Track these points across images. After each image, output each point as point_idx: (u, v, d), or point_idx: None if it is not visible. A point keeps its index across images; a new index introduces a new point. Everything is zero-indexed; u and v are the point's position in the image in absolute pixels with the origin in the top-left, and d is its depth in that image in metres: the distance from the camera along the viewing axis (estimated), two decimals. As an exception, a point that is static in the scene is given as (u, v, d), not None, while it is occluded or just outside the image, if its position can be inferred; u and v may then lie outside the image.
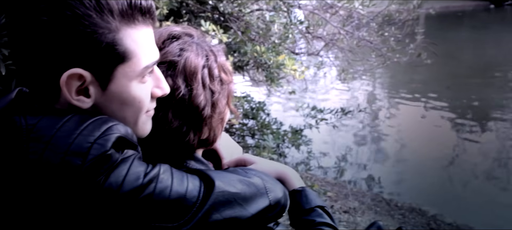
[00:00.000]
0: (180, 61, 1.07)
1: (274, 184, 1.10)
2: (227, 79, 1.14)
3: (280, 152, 5.67)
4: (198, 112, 1.08)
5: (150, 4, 0.94)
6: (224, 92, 1.13)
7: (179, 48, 1.09)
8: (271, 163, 1.25)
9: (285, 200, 1.11)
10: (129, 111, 0.97)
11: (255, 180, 1.06)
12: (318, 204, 1.18)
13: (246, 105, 5.75)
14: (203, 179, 0.99)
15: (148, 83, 0.98)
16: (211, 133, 1.14)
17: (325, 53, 5.96)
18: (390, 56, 5.44)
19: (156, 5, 3.78)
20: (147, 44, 0.95)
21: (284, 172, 1.21)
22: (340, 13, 5.59)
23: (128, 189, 0.87)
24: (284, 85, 4.96)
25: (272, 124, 5.53)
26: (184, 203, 0.93)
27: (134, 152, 0.93)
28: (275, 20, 4.15)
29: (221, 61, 1.15)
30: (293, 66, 4.17)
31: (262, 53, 4.16)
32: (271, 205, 1.05)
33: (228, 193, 0.98)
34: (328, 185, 4.96)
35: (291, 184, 1.20)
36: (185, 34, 1.13)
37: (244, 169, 1.12)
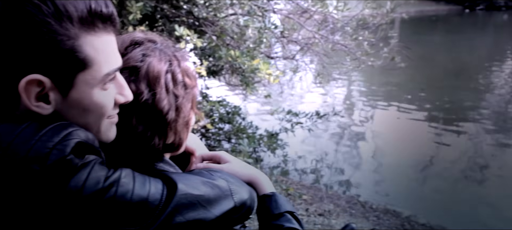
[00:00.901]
0: (142, 67, 1.07)
1: (239, 186, 1.10)
2: (191, 84, 1.14)
3: (256, 156, 5.68)
4: (162, 116, 1.07)
5: (111, 11, 0.94)
6: (188, 96, 1.13)
7: (142, 53, 1.09)
8: (245, 166, 1.26)
9: (252, 202, 1.12)
10: (90, 117, 0.96)
11: (219, 182, 1.06)
12: (287, 210, 1.18)
13: (222, 109, 5.76)
14: (166, 182, 0.99)
15: (110, 90, 0.98)
16: (177, 137, 1.14)
17: (301, 57, 6.00)
18: (365, 60, 5.49)
19: (129, 10, 3.76)
20: (108, 51, 0.94)
21: (256, 177, 1.22)
22: (315, 18, 5.63)
23: (89, 194, 0.87)
24: (259, 89, 4.98)
25: (248, 128, 5.55)
26: (147, 206, 0.93)
27: (95, 157, 0.92)
28: (249, 25, 4.16)
29: (185, 66, 1.15)
30: (267, 70, 4.19)
31: (237, 57, 4.16)
32: (236, 207, 1.06)
33: (191, 195, 0.98)
34: (304, 188, 4.98)
35: (262, 189, 1.20)
36: (148, 40, 1.13)
37: (209, 171, 1.12)
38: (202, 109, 4.91)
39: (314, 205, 4.39)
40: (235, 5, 4.54)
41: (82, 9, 0.88)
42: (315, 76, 6.43)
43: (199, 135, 5.93)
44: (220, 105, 5.24)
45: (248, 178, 1.19)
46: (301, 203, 4.38)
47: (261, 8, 4.59)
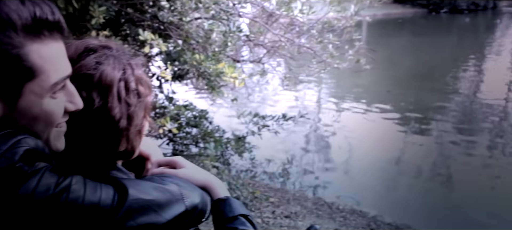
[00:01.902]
0: (95, 74, 1.06)
1: (191, 191, 1.12)
2: (144, 92, 1.14)
3: (224, 159, 5.68)
4: (113, 124, 1.07)
5: (57, 18, 0.92)
6: (141, 104, 1.14)
7: (96, 61, 1.08)
8: (199, 171, 1.28)
9: (204, 206, 1.14)
10: (39, 125, 0.95)
11: (170, 187, 1.08)
12: (241, 213, 1.21)
13: (189, 113, 5.74)
14: (117, 188, 0.99)
15: (60, 98, 0.97)
16: (129, 145, 1.14)
17: (267, 60, 6.02)
18: (330, 62, 5.54)
19: (92, 14, 3.71)
20: (56, 59, 0.93)
21: (210, 181, 1.24)
22: (281, 21, 5.66)
23: (39, 200, 0.87)
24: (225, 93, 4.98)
25: (215, 132, 5.54)
26: (98, 212, 0.94)
27: (45, 165, 0.92)
28: (214, 29, 4.15)
29: (139, 74, 1.15)
30: (233, 74, 4.19)
31: (202, 61, 4.16)
32: (187, 211, 1.08)
33: (142, 200, 1.00)
34: (272, 190, 5.00)
35: (216, 193, 1.23)
36: (102, 47, 1.12)
37: (161, 176, 1.14)
38: (168, 113, 4.89)
39: (281, 207, 4.42)
40: (200, 9, 4.53)
41: (26, 17, 0.87)
42: (282, 79, 6.47)
43: (167, 139, 5.91)
44: (186, 109, 5.21)
45: (202, 183, 1.21)
46: (268, 206, 4.40)
47: (227, 12, 4.59)
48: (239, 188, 4.26)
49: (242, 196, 4.18)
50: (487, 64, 17.86)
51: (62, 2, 3.34)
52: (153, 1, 4.81)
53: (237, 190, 4.21)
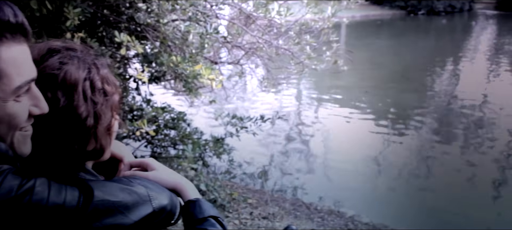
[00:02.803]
0: (59, 74, 1.06)
1: (159, 193, 1.13)
2: (111, 91, 1.15)
3: (203, 161, 5.67)
4: (80, 123, 1.08)
5: (20, 20, 0.92)
6: (108, 103, 1.14)
7: (59, 61, 1.08)
8: (171, 173, 1.29)
9: (172, 207, 1.15)
10: (2, 128, 0.94)
11: (138, 189, 1.08)
12: (211, 214, 1.22)
13: (167, 115, 5.72)
14: (83, 190, 1.00)
15: (24, 102, 0.96)
16: (98, 144, 1.14)
17: (246, 62, 6.04)
18: (308, 64, 5.57)
19: (67, 15, 3.67)
20: (19, 63, 0.92)
21: (180, 183, 1.25)
22: (259, 23, 5.68)
23: (1, 202, 0.87)
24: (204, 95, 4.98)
25: (193, 134, 5.53)
26: (62, 214, 0.94)
27: (8, 167, 0.92)
28: (191, 30, 4.15)
29: (104, 73, 1.15)
30: (210, 76, 4.19)
31: (178, 63, 4.15)
32: (155, 212, 1.08)
33: (107, 201, 1.00)
34: (250, 192, 5.01)
35: (186, 195, 1.24)
36: (66, 48, 1.12)
37: (129, 178, 1.14)
38: (146, 116, 4.87)
39: (259, 208, 4.43)
40: (177, 10, 4.52)
41: None
42: (261, 81, 6.48)
43: (145, 141, 5.88)
44: (164, 111, 5.19)
45: (172, 184, 1.22)
46: (246, 207, 4.41)
47: (204, 14, 4.59)
48: (216, 190, 4.25)
49: (219, 197, 4.18)
50: (464, 64, 18.14)
51: (35, 3, 3.30)
52: (129, 3, 4.78)
53: (214, 191, 4.21)
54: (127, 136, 5.25)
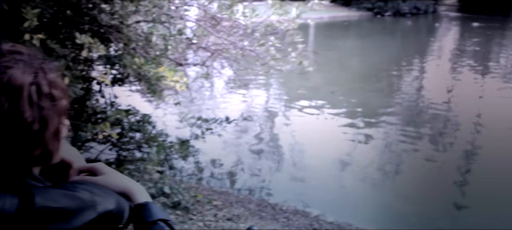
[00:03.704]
0: (3, 79, 1.04)
1: (105, 197, 1.12)
2: (58, 96, 1.12)
3: (169, 164, 5.63)
4: (25, 127, 1.05)
5: None
6: (56, 108, 1.12)
7: (3, 65, 1.05)
8: (120, 177, 1.28)
9: (119, 211, 1.14)
10: None
11: (81, 194, 1.07)
12: (160, 218, 1.22)
13: (132, 118, 5.66)
14: (23, 197, 0.98)
15: None
16: (45, 150, 1.12)
17: (211, 63, 6.02)
18: (274, 65, 5.59)
19: (25, 16, 3.59)
20: None
21: (130, 187, 1.25)
22: (224, 24, 5.67)
23: None
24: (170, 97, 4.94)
25: (159, 137, 5.49)
26: (1, 221, 0.93)
27: None
28: (154, 32, 4.12)
29: (52, 78, 1.13)
30: (174, 78, 4.17)
31: (142, 65, 4.11)
32: (100, 217, 1.08)
33: (49, 208, 0.99)
34: (216, 194, 5.00)
35: (136, 199, 1.24)
36: (10, 52, 1.10)
37: (74, 183, 1.13)
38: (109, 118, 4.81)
39: (224, 210, 4.42)
40: (140, 12, 4.48)
41: None
42: (227, 82, 6.48)
43: (109, 144, 5.80)
44: (128, 113, 5.14)
45: (121, 188, 1.21)
46: (211, 209, 4.40)
47: (167, 15, 4.56)
48: (181, 192, 4.23)
49: (184, 199, 4.16)
50: (429, 65, 18.53)
51: (-9, 4, 3.22)
52: (93, 4, 4.71)
53: (178, 194, 4.19)
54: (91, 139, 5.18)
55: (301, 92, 11.78)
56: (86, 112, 5.20)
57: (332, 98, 11.55)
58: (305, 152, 7.81)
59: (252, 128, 8.88)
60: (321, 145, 8.17)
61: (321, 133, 8.94)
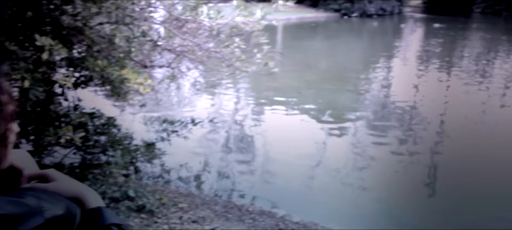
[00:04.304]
0: None
1: (54, 203, 1.11)
2: (4, 101, 1.11)
3: (134, 167, 5.57)
4: None
5: None
6: (2, 114, 1.10)
7: None
8: (72, 183, 1.26)
9: (69, 217, 1.13)
10: None
11: (28, 200, 1.06)
12: (113, 222, 1.21)
13: (97, 121, 5.58)
14: None
15: None
16: None
17: (177, 65, 5.99)
18: (239, 66, 5.60)
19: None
20: None
21: (82, 192, 1.24)
22: (190, 26, 5.66)
23: None
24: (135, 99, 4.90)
25: (124, 140, 5.43)
26: None
27: None
28: (117, 34, 4.08)
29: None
30: (138, 80, 4.14)
31: (104, 67, 4.07)
32: (47, 222, 1.06)
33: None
34: (182, 196, 4.97)
35: (88, 204, 1.23)
36: None
37: (20, 190, 1.11)
38: (72, 122, 4.74)
39: (190, 212, 4.41)
40: (103, 13, 4.43)
41: None
42: (193, 84, 6.46)
43: (74, 148, 5.71)
44: (92, 116, 5.07)
45: (73, 194, 1.20)
46: (177, 212, 4.38)
47: (131, 17, 4.52)
48: (146, 195, 4.20)
49: (148, 203, 4.13)
50: (395, 64, 18.88)
51: None
52: (54, 5, 4.64)
53: (143, 197, 4.16)
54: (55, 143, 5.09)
55: (268, 93, 11.83)
56: (49, 115, 5.11)
57: (299, 98, 11.63)
58: (273, 153, 7.85)
59: (220, 129, 8.88)
60: (288, 146, 8.22)
61: (288, 134, 9.00)
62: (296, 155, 7.68)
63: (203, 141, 8.04)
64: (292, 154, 7.72)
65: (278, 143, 8.32)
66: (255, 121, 9.84)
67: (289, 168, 7.16)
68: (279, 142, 8.36)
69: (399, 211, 5.96)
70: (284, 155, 7.64)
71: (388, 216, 5.77)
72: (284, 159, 7.48)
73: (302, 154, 7.70)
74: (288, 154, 7.73)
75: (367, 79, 15.27)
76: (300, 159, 7.49)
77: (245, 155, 7.82)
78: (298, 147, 8.10)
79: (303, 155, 7.66)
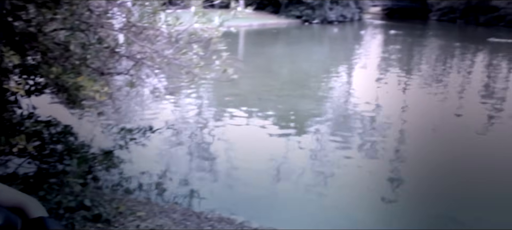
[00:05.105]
0: None
1: None
2: None
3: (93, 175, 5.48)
4: None
5: None
6: None
7: None
8: (12, 192, 1.26)
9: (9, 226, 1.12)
10: None
11: None
12: None
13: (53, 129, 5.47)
14: None
15: None
16: None
17: (136, 72, 5.93)
18: (198, 73, 5.58)
19: None
20: None
21: (23, 203, 1.24)
22: (149, 33, 5.61)
23: None
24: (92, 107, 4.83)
25: (81, 148, 5.34)
26: None
27: None
28: (71, 40, 4.01)
29: None
30: (94, 87, 4.08)
31: (59, 74, 4.00)
32: None
33: None
34: (140, 204, 4.91)
35: (30, 213, 1.22)
36: None
37: None
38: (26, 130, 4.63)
39: (148, 221, 4.36)
40: (58, 19, 4.36)
41: None
42: (152, 91, 6.40)
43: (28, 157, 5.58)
44: (48, 125, 4.96)
45: (14, 204, 1.20)
46: (134, 220, 4.32)
47: (86, 23, 4.46)
48: (102, 205, 4.14)
49: (105, 212, 4.07)
50: (355, 70, 19.21)
51: None
52: (6, 10, 4.53)
53: (100, 206, 4.09)
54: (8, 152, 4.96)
55: (228, 99, 11.84)
56: (1, 124, 4.98)
57: (259, 105, 11.67)
58: (232, 159, 7.84)
59: (180, 136, 8.82)
60: (248, 151, 8.25)
61: (248, 140, 9.03)
62: (256, 161, 7.70)
63: (164, 149, 7.97)
64: (251, 160, 7.74)
65: (238, 150, 8.33)
66: (215, 128, 9.82)
67: (249, 174, 7.17)
68: (239, 149, 8.37)
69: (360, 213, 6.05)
70: (244, 162, 7.65)
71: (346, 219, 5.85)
72: (243, 166, 7.49)
73: (261, 160, 7.73)
74: (248, 160, 7.74)
75: (327, 84, 15.46)
76: (260, 165, 7.51)
77: (205, 162, 7.78)
78: (258, 153, 8.13)
79: (263, 161, 7.69)
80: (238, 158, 7.87)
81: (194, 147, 8.44)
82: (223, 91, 12.23)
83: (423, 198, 6.69)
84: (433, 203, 6.41)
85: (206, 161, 7.80)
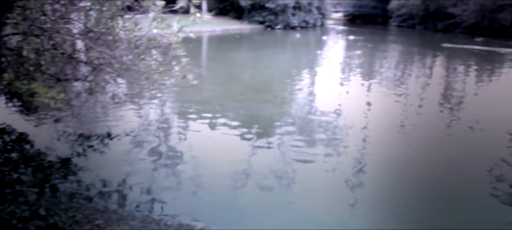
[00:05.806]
0: None
1: None
2: None
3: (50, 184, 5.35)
4: None
5: None
6: None
7: None
8: None
9: None
10: None
11: None
12: None
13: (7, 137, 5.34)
14: None
15: None
16: None
17: (94, 78, 5.84)
18: (158, 79, 5.54)
19: None
20: None
21: None
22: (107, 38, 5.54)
23: None
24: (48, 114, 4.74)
25: (37, 156, 5.22)
26: None
27: None
28: (24, 46, 3.92)
29: None
30: (49, 94, 4.00)
31: (12, 81, 3.91)
32: None
33: None
34: (98, 213, 4.83)
35: None
36: None
37: None
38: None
39: (105, 229, 4.29)
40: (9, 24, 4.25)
41: None
42: (112, 97, 6.32)
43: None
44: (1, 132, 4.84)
45: None
46: (92, 229, 4.24)
47: (40, 29, 4.37)
48: (58, 214, 4.04)
49: (61, 221, 3.98)
50: (318, 75, 19.43)
51: None
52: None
53: (55, 215, 4.00)
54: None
55: (190, 105, 11.78)
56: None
57: (221, 110, 11.66)
58: (194, 165, 7.81)
59: (142, 143, 8.73)
60: (209, 158, 8.22)
61: (209, 145, 9.00)
62: (218, 166, 7.69)
63: (123, 156, 7.87)
64: (213, 166, 7.72)
65: (199, 155, 8.30)
66: (176, 134, 9.75)
67: (211, 179, 7.15)
68: (200, 154, 8.34)
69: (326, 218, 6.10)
70: (205, 167, 7.63)
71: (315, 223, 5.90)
72: (205, 171, 7.46)
73: (223, 165, 7.72)
74: (209, 166, 7.72)
75: (290, 89, 15.57)
76: (221, 170, 7.50)
77: (166, 169, 7.71)
78: (219, 158, 8.12)
79: (224, 166, 7.68)
80: (200, 163, 7.83)
81: (155, 154, 8.35)
82: (185, 97, 12.16)
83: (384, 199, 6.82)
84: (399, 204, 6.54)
85: (167, 167, 7.73)
